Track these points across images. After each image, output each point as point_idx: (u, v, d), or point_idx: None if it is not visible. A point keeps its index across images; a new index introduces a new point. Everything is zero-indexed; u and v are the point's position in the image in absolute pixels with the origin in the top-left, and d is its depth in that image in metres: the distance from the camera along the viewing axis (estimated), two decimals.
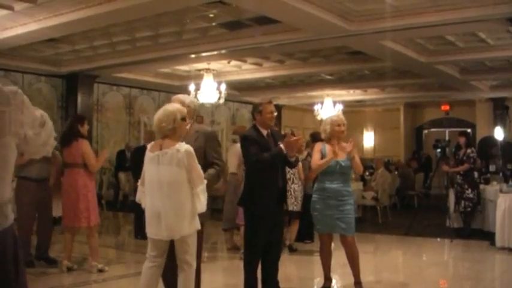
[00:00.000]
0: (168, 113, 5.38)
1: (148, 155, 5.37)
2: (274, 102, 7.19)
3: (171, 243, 5.41)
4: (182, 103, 5.72)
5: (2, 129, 2.70)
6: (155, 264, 5.43)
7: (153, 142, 5.51)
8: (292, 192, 9.89)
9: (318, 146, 7.17)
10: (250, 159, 6.43)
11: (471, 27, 11.50)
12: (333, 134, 7.04)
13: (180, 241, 5.33)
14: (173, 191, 5.24)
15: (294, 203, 9.93)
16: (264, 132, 6.54)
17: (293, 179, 9.94)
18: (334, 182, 6.90)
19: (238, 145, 8.35)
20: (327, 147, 7.00)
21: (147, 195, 5.35)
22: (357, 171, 7.41)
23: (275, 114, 6.63)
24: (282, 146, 6.23)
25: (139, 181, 5.56)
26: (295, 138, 6.27)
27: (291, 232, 10.35)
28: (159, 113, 5.40)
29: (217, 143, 6.05)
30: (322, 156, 6.98)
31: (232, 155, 10.39)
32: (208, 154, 5.77)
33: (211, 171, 5.72)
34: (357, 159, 7.07)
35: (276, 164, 6.41)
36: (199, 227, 5.39)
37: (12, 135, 2.77)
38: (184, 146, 5.30)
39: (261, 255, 6.47)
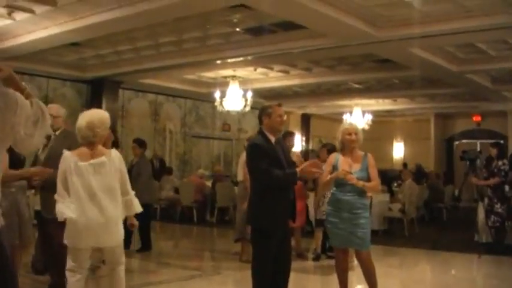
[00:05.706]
0: (105, 119, 5.30)
1: (79, 165, 5.05)
2: (303, 111, 6.87)
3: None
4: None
5: None
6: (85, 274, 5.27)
7: (76, 150, 5.20)
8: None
9: (331, 158, 6.82)
10: (261, 176, 5.85)
11: (502, 34, 11.17)
12: (344, 143, 6.71)
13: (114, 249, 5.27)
14: (113, 198, 5.15)
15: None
16: (273, 138, 5.99)
17: None
18: (347, 194, 6.47)
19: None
20: (340, 159, 6.66)
21: (80, 205, 5.00)
22: (373, 193, 7.14)
23: (284, 118, 6.12)
24: (298, 170, 5.82)
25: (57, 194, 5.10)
26: (316, 170, 5.83)
27: (315, 240, 10.16)
28: (94, 117, 5.25)
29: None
30: (333, 169, 6.64)
31: (241, 163, 9.85)
32: None
33: None
34: (373, 179, 6.64)
35: (288, 183, 5.98)
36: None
37: None
38: (114, 152, 5.30)
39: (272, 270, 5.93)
